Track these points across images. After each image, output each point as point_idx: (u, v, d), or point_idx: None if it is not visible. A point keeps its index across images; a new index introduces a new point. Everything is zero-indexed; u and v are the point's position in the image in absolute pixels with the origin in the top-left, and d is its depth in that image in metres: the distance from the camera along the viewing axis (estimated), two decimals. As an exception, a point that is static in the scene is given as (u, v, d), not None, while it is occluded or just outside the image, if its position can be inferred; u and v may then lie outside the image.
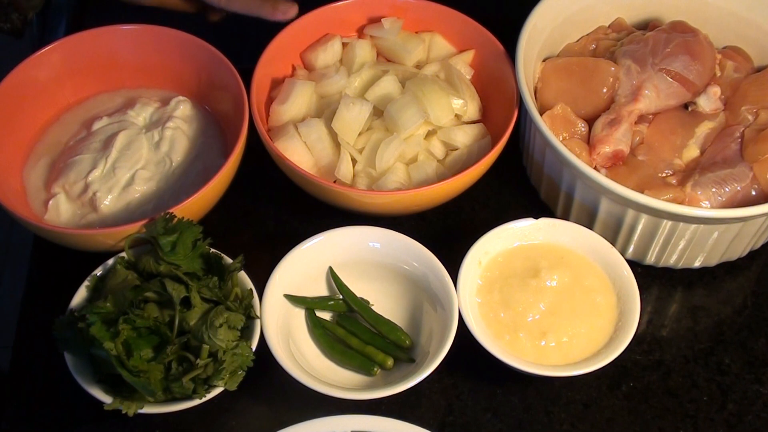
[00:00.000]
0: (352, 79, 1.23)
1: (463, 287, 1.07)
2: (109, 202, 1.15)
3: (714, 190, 1.10)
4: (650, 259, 1.17)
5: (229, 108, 1.21)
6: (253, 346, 1.02)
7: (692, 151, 1.16)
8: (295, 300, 1.10)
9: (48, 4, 1.47)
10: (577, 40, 1.28)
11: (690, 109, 1.20)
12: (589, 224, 1.14)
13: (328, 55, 1.27)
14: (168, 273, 1.03)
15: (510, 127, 1.15)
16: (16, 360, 1.11)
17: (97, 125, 1.22)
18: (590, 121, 1.17)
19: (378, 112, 1.21)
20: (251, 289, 1.06)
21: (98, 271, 1.07)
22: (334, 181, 1.17)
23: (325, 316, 1.12)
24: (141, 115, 1.23)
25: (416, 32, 1.30)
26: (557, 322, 1.06)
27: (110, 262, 1.07)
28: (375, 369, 1.07)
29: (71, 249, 1.12)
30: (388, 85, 1.21)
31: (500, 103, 1.22)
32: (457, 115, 1.21)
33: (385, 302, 1.12)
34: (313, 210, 1.19)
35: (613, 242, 1.12)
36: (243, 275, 1.07)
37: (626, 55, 1.19)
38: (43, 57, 1.21)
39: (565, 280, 1.09)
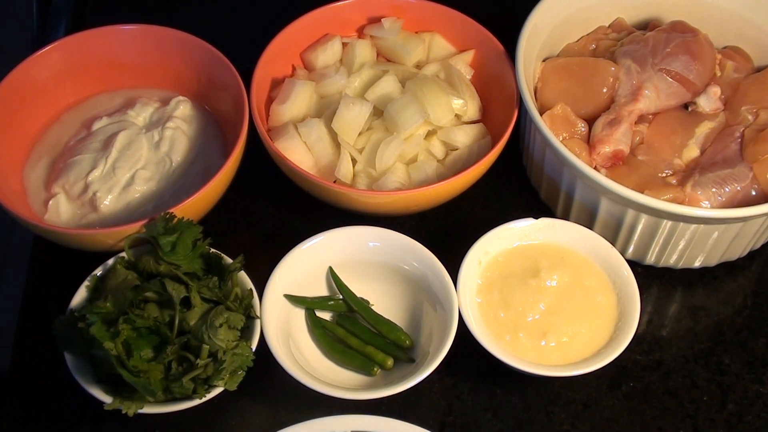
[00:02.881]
0: (352, 79, 1.23)
1: (463, 287, 1.07)
2: (109, 202, 1.15)
3: (714, 190, 1.10)
4: (650, 259, 1.17)
5: (229, 108, 1.21)
6: (253, 346, 1.02)
7: (692, 151, 1.16)
8: (295, 300, 1.10)
9: (48, 3, 1.47)
10: (577, 40, 1.28)
11: (690, 109, 1.20)
12: (589, 224, 1.14)
13: (328, 55, 1.27)
14: (168, 273, 1.03)
15: (510, 127, 1.15)
16: (16, 360, 1.11)
17: (97, 125, 1.22)
18: (590, 121, 1.17)
19: (378, 112, 1.21)
20: (251, 289, 1.06)
21: (98, 271, 1.07)
22: (334, 181, 1.17)
23: (325, 316, 1.12)
24: (141, 115, 1.23)
25: (416, 32, 1.30)
26: (557, 322, 1.06)
27: (110, 262, 1.07)
28: (375, 369, 1.07)
29: (71, 249, 1.12)
30: (388, 85, 1.21)
31: (500, 103, 1.22)
32: (457, 115, 1.21)
33: (385, 302, 1.12)
34: (313, 210, 1.19)
35: (613, 242, 1.12)
36: (243, 275, 1.07)
37: (626, 55, 1.19)
38: (43, 57, 1.21)
39: (565, 280, 1.09)
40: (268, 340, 1.02)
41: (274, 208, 1.24)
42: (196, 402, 1.00)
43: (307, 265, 1.10)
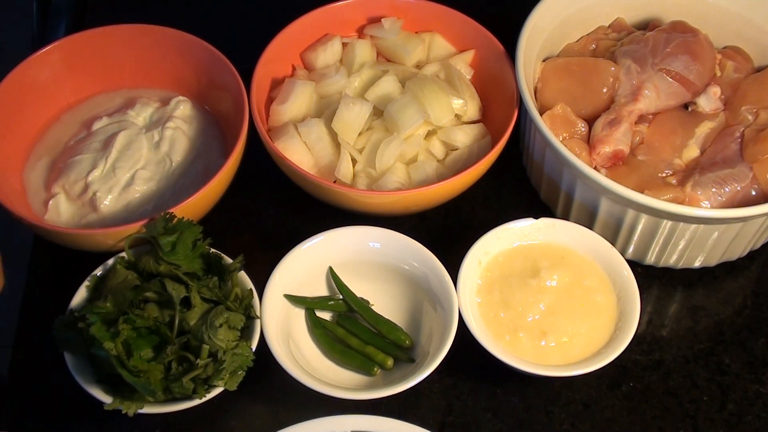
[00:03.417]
0: (352, 79, 1.23)
1: (463, 287, 1.07)
2: (109, 202, 1.15)
3: (714, 190, 1.10)
4: (650, 259, 1.17)
5: (229, 108, 1.21)
6: (253, 346, 1.02)
7: (692, 151, 1.16)
8: (295, 300, 1.10)
9: (48, 3, 1.47)
10: (577, 40, 1.28)
11: (690, 109, 1.20)
12: (589, 224, 1.14)
13: (328, 55, 1.27)
14: (168, 273, 1.03)
15: (510, 127, 1.15)
16: (16, 360, 1.11)
17: (97, 125, 1.22)
18: (590, 121, 1.17)
19: (378, 112, 1.21)
20: (251, 289, 1.06)
21: (98, 271, 1.07)
22: (334, 181, 1.17)
23: (325, 316, 1.12)
24: (141, 115, 1.23)
25: (416, 32, 1.30)
26: (557, 322, 1.06)
27: (110, 262, 1.07)
28: (375, 369, 1.07)
29: (71, 249, 1.12)
30: (388, 85, 1.21)
31: (500, 103, 1.22)
32: (457, 115, 1.21)
33: (385, 302, 1.12)
34: (313, 210, 1.19)
35: (613, 242, 1.12)
36: (243, 275, 1.07)
37: (626, 55, 1.19)
38: (43, 57, 1.21)
39: (565, 280, 1.09)
40: (268, 340, 1.02)
41: (274, 208, 1.24)
42: (196, 402, 1.00)
43: (307, 265, 1.10)
